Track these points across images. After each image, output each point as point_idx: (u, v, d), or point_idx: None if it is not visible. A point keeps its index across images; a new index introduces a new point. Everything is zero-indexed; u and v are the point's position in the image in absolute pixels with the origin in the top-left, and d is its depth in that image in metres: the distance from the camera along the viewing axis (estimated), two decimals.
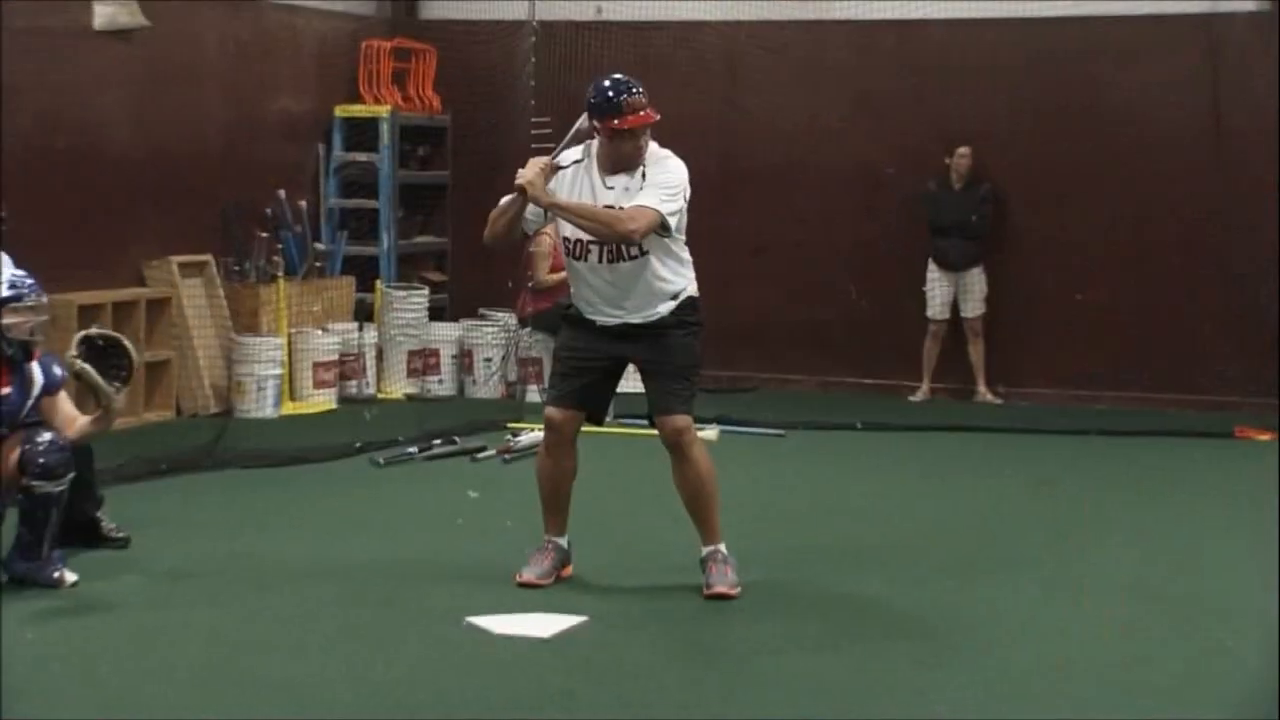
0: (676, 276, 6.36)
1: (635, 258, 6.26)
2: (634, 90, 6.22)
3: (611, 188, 6.26)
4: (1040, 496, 8.60)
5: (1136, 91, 11.42)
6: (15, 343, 6.37)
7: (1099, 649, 5.71)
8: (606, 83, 6.29)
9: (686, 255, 6.41)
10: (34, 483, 6.28)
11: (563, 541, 6.53)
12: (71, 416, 6.52)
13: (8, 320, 6.35)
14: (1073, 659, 5.58)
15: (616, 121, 6.19)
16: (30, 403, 6.48)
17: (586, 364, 6.41)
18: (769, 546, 7.18)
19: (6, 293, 6.37)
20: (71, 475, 6.39)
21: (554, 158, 6.33)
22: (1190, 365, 11.40)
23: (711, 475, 6.40)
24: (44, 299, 6.51)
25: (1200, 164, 11.26)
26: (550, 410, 6.49)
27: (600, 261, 6.29)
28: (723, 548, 6.37)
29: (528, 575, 6.41)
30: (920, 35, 11.84)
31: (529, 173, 6.18)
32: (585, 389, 6.42)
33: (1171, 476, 9.28)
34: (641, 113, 6.20)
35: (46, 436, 6.33)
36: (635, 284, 6.30)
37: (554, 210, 6.27)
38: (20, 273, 6.53)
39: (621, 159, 6.25)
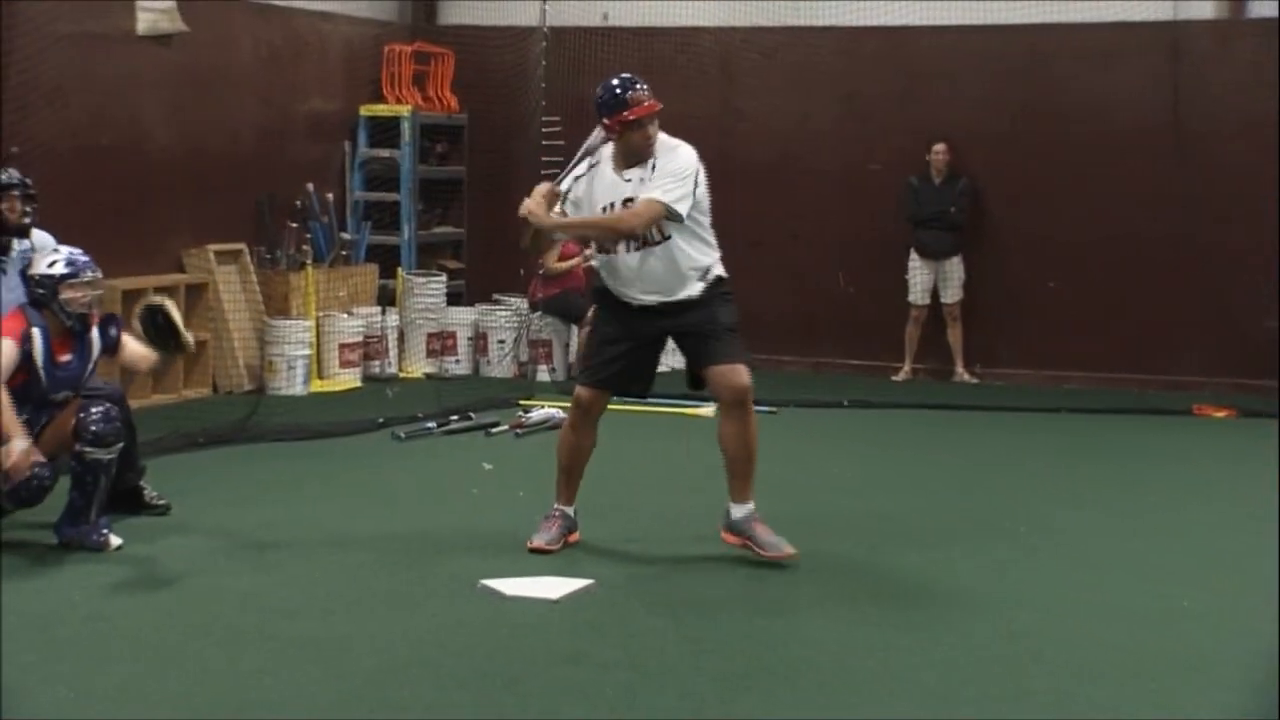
0: (703, 256, 6.32)
1: (659, 243, 6.23)
2: (637, 85, 6.24)
3: (629, 180, 6.25)
4: (1013, 469, 8.58)
5: (1104, 93, 11.38)
6: (74, 315, 6.40)
7: (1076, 616, 5.69)
8: (614, 82, 6.31)
9: (710, 236, 6.36)
10: (86, 449, 6.30)
11: (570, 510, 6.52)
12: (142, 353, 6.61)
13: (66, 295, 6.38)
14: (1051, 624, 5.56)
15: (626, 114, 6.18)
16: (90, 367, 6.54)
17: (623, 346, 6.35)
18: (762, 515, 7.17)
19: (64, 269, 6.41)
20: (121, 445, 6.41)
21: (561, 179, 6.33)
22: (1153, 348, 11.39)
23: (757, 434, 6.33)
24: (98, 274, 6.53)
25: (1162, 160, 11.22)
26: (580, 389, 6.45)
27: (628, 251, 6.27)
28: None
29: (538, 541, 6.40)
30: (905, 40, 11.79)
31: (530, 203, 6.20)
32: (620, 370, 6.38)
33: (1134, 451, 9.26)
34: (646, 103, 6.19)
35: (100, 407, 6.36)
36: (665, 267, 6.27)
37: (558, 230, 6.36)
38: (76, 250, 6.54)
39: (633, 151, 6.23)
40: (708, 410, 9.82)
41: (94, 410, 6.34)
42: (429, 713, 4.57)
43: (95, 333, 6.56)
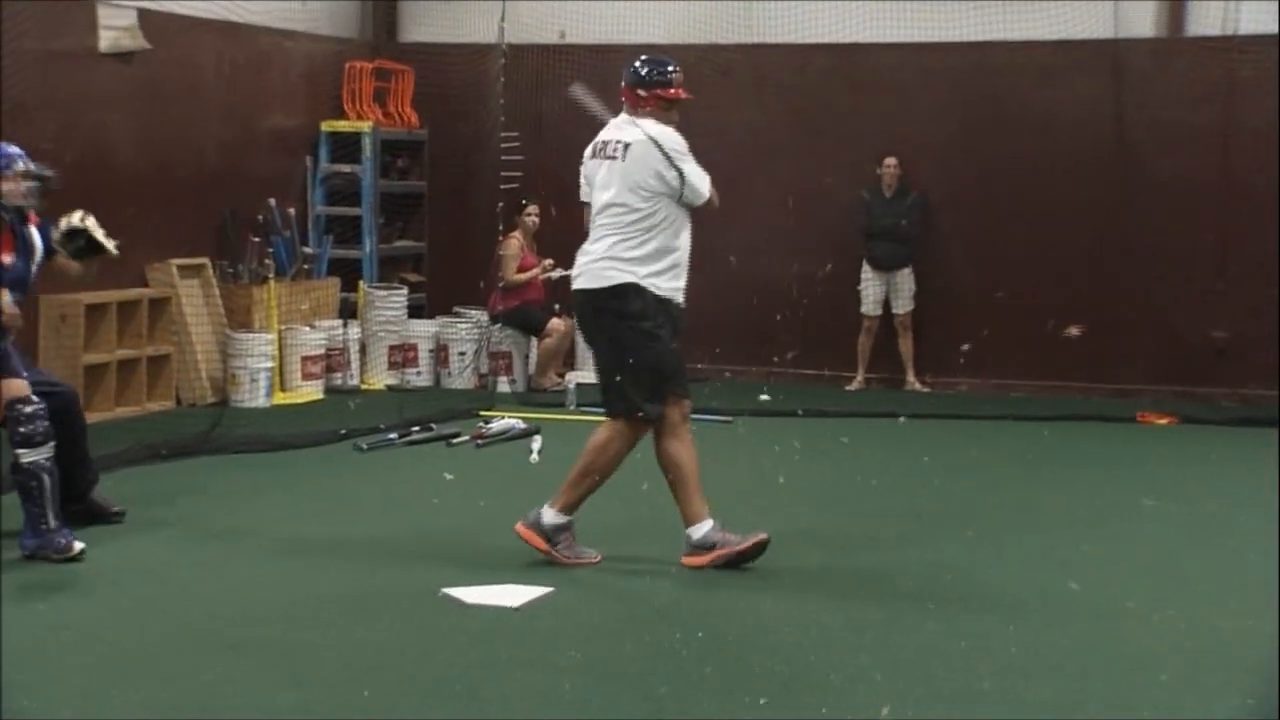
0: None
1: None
2: (678, 70, 6.37)
3: None
4: (962, 475, 8.62)
5: (1048, 108, 11.48)
6: (11, 208, 6.24)
7: (1025, 616, 5.72)
8: (662, 59, 6.40)
9: None
10: (18, 452, 6.16)
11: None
12: (69, 263, 6.55)
13: (6, 187, 6.22)
14: (1001, 624, 5.58)
15: (670, 92, 6.28)
16: (35, 269, 6.39)
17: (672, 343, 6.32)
18: (719, 518, 7.19)
19: None
20: (53, 443, 6.24)
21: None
22: (1098, 356, 11.48)
23: None
24: (32, 165, 6.35)
25: (1105, 173, 11.33)
26: (686, 401, 6.32)
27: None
28: None
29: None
30: (855, 56, 11.85)
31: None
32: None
33: (1080, 456, 9.32)
34: (683, 91, 6.36)
35: (27, 408, 6.20)
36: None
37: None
38: (7, 144, 6.36)
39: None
40: None
41: (20, 410, 6.17)
42: (390, 718, 4.55)
43: (36, 233, 6.40)
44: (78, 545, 6.24)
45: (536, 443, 8.93)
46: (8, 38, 9.03)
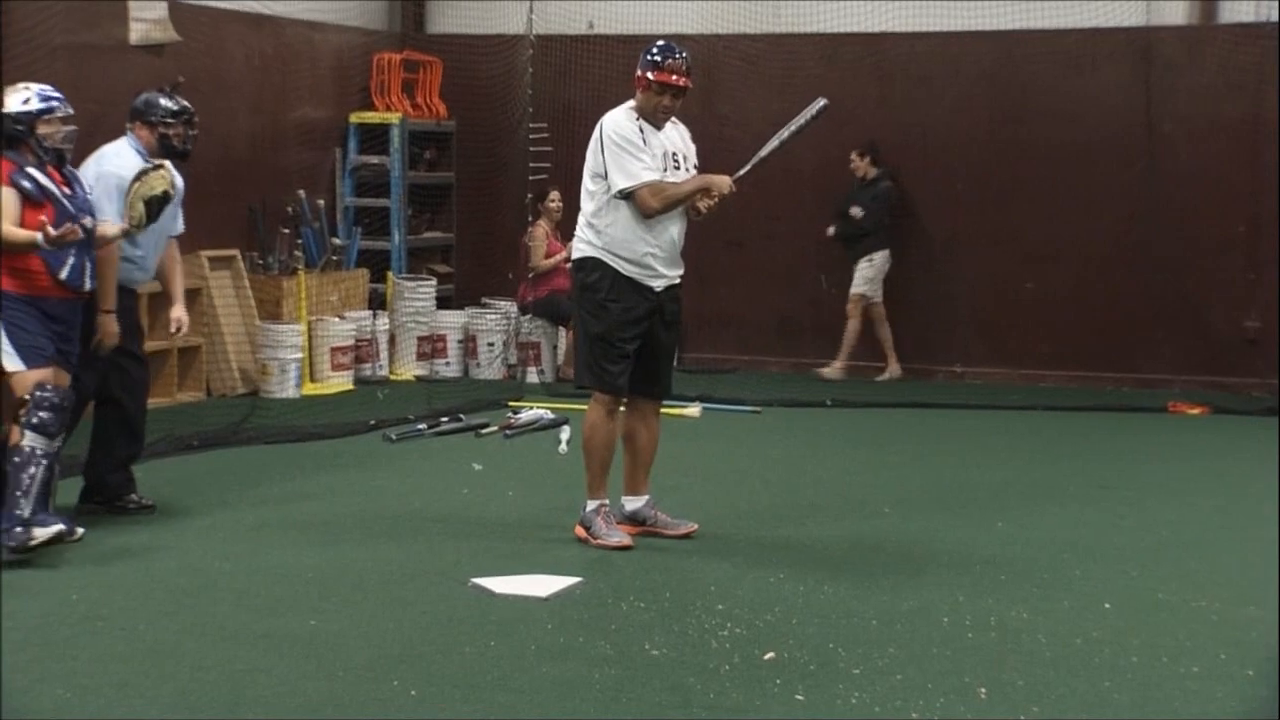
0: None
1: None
2: (678, 55, 6.41)
3: (667, 135, 6.49)
4: (991, 465, 8.58)
5: (1079, 96, 11.40)
6: (51, 151, 6.31)
7: (1056, 609, 5.69)
8: (661, 43, 6.46)
9: None
10: (27, 432, 6.06)
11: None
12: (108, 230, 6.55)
13: (43, 130, 6.27)
14: (1032, 617, 5.56)
15: (655, 75, 6.34)
16: (87, 197, 6.44)
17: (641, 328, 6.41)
18: (748, 507, 7.21)
19: (40, 105, 6.29)
20: (60, 442, 6.18)
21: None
22: (1126, 346, 11.41)
23: None
24: (70, 111, 6.42)
25: (1135, 162, 11.25)
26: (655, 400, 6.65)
27: (682, 221, 6.47)
28: None
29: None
30: (884, 46, 11.80)
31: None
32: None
33: (1113, 446, 9.26)
34: (674, 77, 6.37)
35: (55, 394, 6.11)
36: (678, 242, 6.45)
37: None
38: (45, 86, 6.41)
39: (648, 111, 6.39)
40: (694, 410, 9.86)
41: (46, 394, 6.09)
42: (420, 709, 4.55)
43: (78, 173, 6.51)
44: (41, 534, 6.00)
45: (565, 433, 8.93)
46: (39, 31, 9.06)
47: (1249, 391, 10.91)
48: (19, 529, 6.01)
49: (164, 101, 7.01)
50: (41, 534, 6.03)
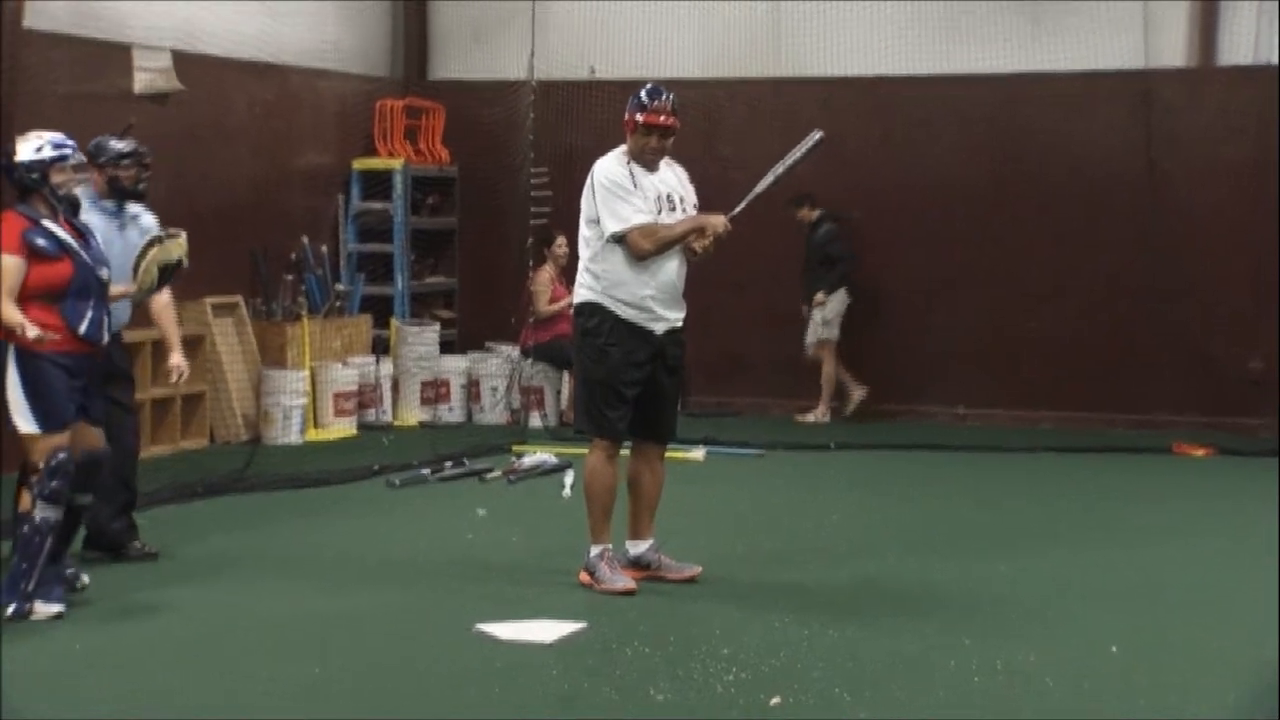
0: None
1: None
2: (663, 97, 6.48)
3: (661, 175, 6.53)
4: (993, 506, 8.55)
5: (1079, 139, 11.43)
6: (64, 199, 6.21)
7: (1066, 646, 5.68)
8: (649, 85, 6.53)
9: None
10: (39, 501, 5.91)
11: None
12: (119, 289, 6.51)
13: (56, 179, 6.16)
14: (1044, 655, 5.54)
15: (640, 117, 6.39)
16: (99, 246, 6.33)
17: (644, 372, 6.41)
18: (751, 550, 7.22)
19: (52, 152, 6.18)
20: (59, 512, 5.99)
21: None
22: (1127, 388, 11.38)
23: None
24: (82, 158, 6.36)
25: (1137, 203, 11.27)
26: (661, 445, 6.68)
27: (681, 263, 6.47)
28: None
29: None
30: (881, 89, 11.84)
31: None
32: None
33: (1115, 488, 9.24)
34: (661, 117, 6.43)
35: (63, 458, 5.97)
36: (679, 284, 6.45)
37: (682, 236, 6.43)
38: (57, 134, 6.29)
39: (639, 153, 6.44)
40: (698, 454, 9.85)
41: (61, 463, 5.93)
42: None
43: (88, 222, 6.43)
44: (49, 609, 5.90)
45: (568, 478, 8.92)
46: (46, 81, 9.11)
47: (1255, 432, 10.88)
48: (18, 602, 5.89)
49: (114, 144, 7.00)
50: (41, 612, 5.91)
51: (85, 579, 6.34)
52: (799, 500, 8.71)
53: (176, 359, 7.00)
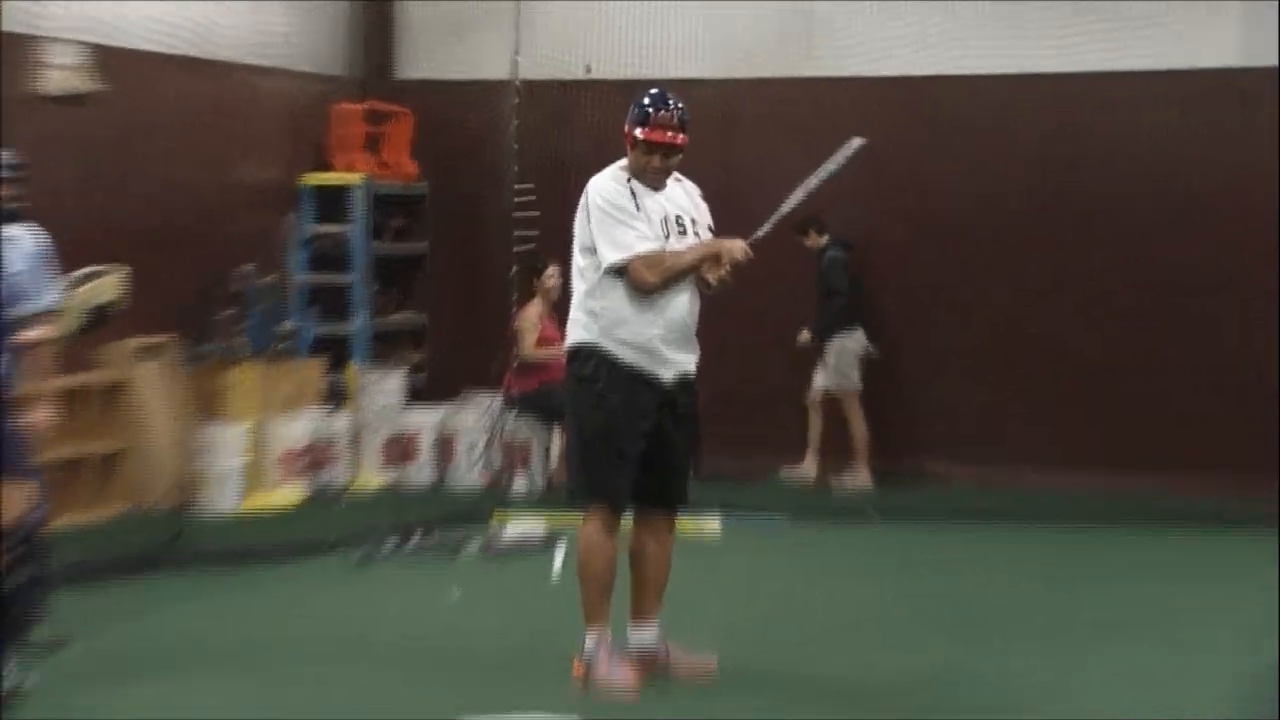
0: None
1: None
2: (670, 106, 6.44)
3: (667, 195, 6.50)
4: (1004, 586, 8.61)
5: (1150, 144, 11.43)
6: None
7: None
8: (653, 91, 6.50)
9: None
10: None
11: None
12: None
13: None
14: None
15: (640, 131, 6.37)
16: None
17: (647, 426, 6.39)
18: (769, 634, 7.29)
19: None
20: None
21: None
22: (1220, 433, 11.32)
23: None
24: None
25: (1215, 216, 11.29)
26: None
27: (692, 298, 6.45)
28: None
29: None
30: (929, 91, 11.87)
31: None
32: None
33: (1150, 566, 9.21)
34: (667, 133, 6.41)
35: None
36: (691, 325, 6.45)
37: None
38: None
39: (640, 172, 6.43)
40: (713, 526, 9.82)
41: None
42: None
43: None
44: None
45: (559, 554, 8.88)
46: None
47: None
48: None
49: None
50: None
51: None
52: (824, 575, 8.72)
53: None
